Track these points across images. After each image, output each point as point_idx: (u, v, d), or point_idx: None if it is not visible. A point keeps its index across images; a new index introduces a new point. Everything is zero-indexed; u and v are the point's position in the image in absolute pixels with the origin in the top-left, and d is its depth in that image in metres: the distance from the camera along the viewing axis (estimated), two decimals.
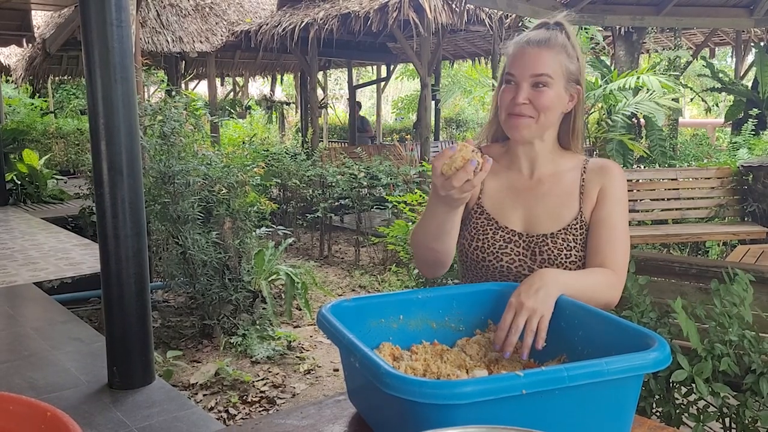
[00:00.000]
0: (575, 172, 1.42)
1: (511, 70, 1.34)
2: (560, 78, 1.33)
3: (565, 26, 1.39)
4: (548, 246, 1.38)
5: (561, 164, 1.43)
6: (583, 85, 1.39)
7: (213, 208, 4.50)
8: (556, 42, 1.34)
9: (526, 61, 1.32)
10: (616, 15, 5.61)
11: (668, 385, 2.07)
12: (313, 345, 4.37)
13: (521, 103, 1.32)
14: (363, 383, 1.05)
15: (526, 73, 1.32)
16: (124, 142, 3.00)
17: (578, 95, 1.38)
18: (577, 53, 1.37)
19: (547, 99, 1.32)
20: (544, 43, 1.33)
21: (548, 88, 1.32)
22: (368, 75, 20.72)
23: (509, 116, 1.35)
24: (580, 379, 0.87)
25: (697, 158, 8.92)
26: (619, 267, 1.33)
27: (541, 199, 1.41)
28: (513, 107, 1.33)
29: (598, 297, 1.26)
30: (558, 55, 1.33)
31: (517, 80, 1.33)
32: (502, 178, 1.45)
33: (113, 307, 3.12)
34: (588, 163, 1.43)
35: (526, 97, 1.32)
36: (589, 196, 1.40)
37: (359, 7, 8.29)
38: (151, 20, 9.92)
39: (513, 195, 1.43)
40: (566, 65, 1.34)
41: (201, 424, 2.85)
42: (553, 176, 1.42)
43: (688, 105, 17.69)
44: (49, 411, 0.73)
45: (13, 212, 8.14)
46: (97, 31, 2.90)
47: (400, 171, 7.08)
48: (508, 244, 1.40)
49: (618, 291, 1.32)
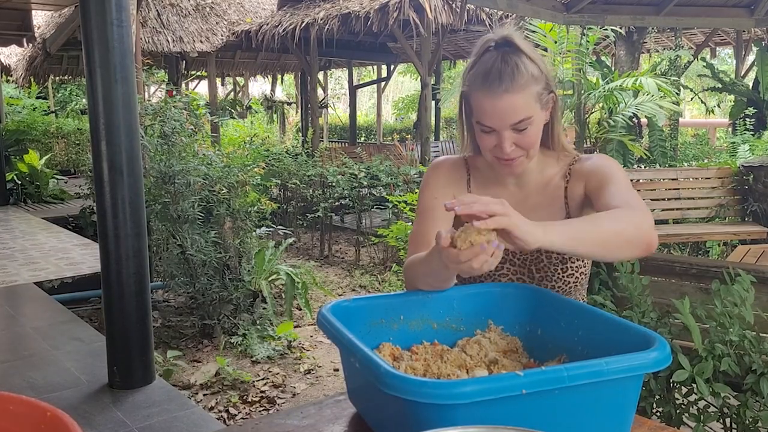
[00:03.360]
0: (559, 178, 1.37)
1: (484, 121, 1.24)
2: (537, 108, 1.24)
3: (515, 43, 1.24)
4: (543, 263, 1.35)
5: (546, 171, 1.37)
6: (554, 88, 1.28)
7: (213, 208, 4.50)
8: (522, 76, 1.20)
9: (499, 112, 1.21)
10: (617, 15, 5.61)
11: (669, 385, 2.07)
12: (313, 345, 4.37)
13: (509, 152, 1.24)
14: (363, 383, 1.05)
15: (505, 124, 1.22)
16: (125, 142, 3.00)
17: (553, 102, 1.30)
18: (536, 62, 1.24)
19: (533, 137, 1.25)
20: (510, 84, 1.19)
21: (531, 126, 1.24)
22: (369, 75, 20.73)
23: (498, 159, 1.28)
24: (580, 379, 0.87)
25: (698, 158, 8.92)
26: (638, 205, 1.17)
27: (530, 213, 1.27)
28: (500, 153, 1.25)
29: (625, 231, 1.11)
30: (527, 88, 1.21)
31: (496, 129, 1.23)
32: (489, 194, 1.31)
33: (113, 306, 3.12)
34: (574, 165, 1.36)
35: (511, 143, 1.24)
36: (573, 196, 1.34)
37: (359, 7, 8.30)
38: (151, 20, 9.92)
39: None
40: (537, 91, 1.23)
41: (201, 423, 2.85)
42: (539, 187, 1.37)
43: (688, 105, 17.68)
44: (49, 411, 0.73)
45: (13, 212, 8.14)
46: (97, 31, 2.90)
47: (401, 171, 7.08)
48: (504, 264, 1.36)
49: (649, 225, 1.14)
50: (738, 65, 11.19)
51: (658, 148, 7.60)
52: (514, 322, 1.23)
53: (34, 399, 0.75)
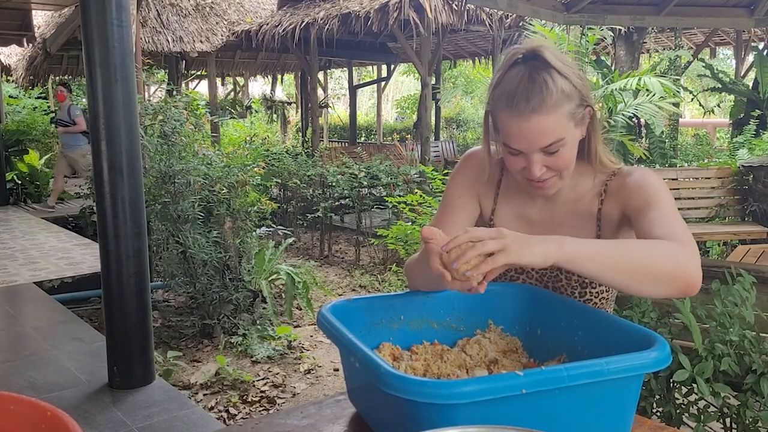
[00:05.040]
0: (593, 195, 1.25)
1: (511, 144, 1.14)
2: (569, 127, 1.13)
3: (544, 56, 1.11)
4: (562, 282, 1.27)
5: (579, 186, 1.26)
6: (590, 101, 1.16)
7: (213, 208, 4.50)
8: (551, 96, 1.09)
9: (526, 135, 1.11)
10: (617, 15, 5.61)
11: (669, 385, 2.07)
12: (313, 345, 4.37)
13: (539, 175, 1.15)
14: (363, 383, 1.05)
15: (533, 148, 1.12)
16: (125, 142, 3.00)
17: (590, 116, 1.18)
18: (568, 76, 1.12)
19: (566, 159, 1.15)
20: (538, 105, 1.08)
21: (563, 148, 1.13)
22: (369, 75, 20.73)
23: (528, 181, 1.18)
24: (580, 379, 0.87)
25: (698, 158, 8.92)
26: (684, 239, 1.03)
27: (554, 230, 1.24)
28: (529, 176, 1.16)
29: (660, 265, 0.99)
30: (558, 108, 1.10)
31: (525, 153, 1.14)
32: (513, 203, 1.30)
33: (113, 306, 3.12)
34: (611, 182, 1.23)
35: (541, 167, 1.14)
36: (609, 219, 1.23)
37: (359, 6, 8.30)
38: (151, 20, 9.92)
39: (524, 224, 1.28)
40: (569, 110, 1.12)
41: (201, 423, 2.84)
42: (570, 202, 1.26)
43: (688, 105, 17.69)
44: (49, 410, 0.73)
45: (13, 212, 8.14)
46: (97, 31, 2.90)
47: (401, 171, 7.09)
48: (520, 275, 1.30)
49: (693, 264, 0.99)
50: (738, 65, 11.18)
51: (657, 149, 7.60)
52: (514, 322, 1.23)
53: (34, 399, 0.75)
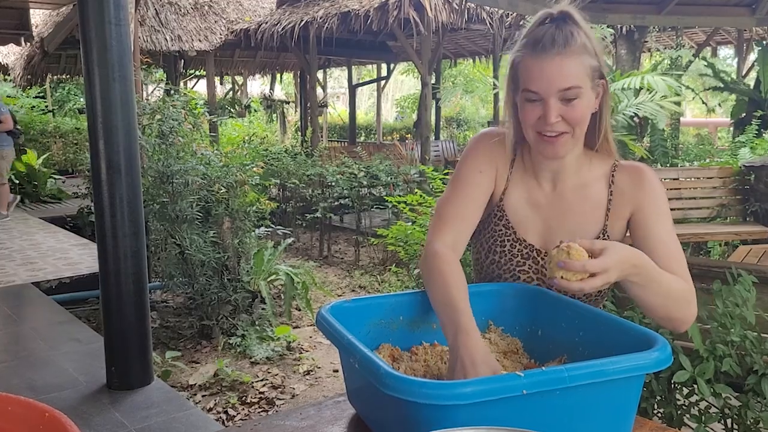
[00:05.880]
0: (601, 183, 1.29)
1: (531, 87, 1.17)
2: (587, 82, 1.18)
3: (574, 16, 1.19)
4: None
5: (586, 174, 1.30)
6: (605, 71, 1.23)
7: (212, 208, 4.49)
8: (575, 42, 1.16)
9: (548, 75, 1.15)
10: (618, 14, 5.59)
11: (670, 385, 2.06)
12: (312, 346, 4.36)
13: (554, 122, 1.17)
14: (363, 384, 1.04)
15: (552, 89, 1.15)
16: (123, 141, 2.99)
17: (603, 89, 1.23)
18: (593, 44, 1.19)
19: (581, 111, 1.18)
20: (562, 47, 1.14)
21: (579, 99, 1.17)
22: (368, 74, 20.73)
23: (541, 136, 1.20)
24: (580, 380, 0.87)
25: (699, 158, 8.90)
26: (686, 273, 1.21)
27: (561, 215, 1.29)
28: (544, 127, 1.18)
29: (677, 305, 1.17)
30: (580, 56, 1.16)
31: (542, 96, 1.16)
32: (521, 187, 1.33)
33: (112, 307, 3.10)
34: (617, 170, 1.29)
35: (557, 114, 1.16)
36: (618, 213, 1.28)
37: (359, 5, 8.29)
38: (149, 19, 9.91)
39: (532, 208, 1.31)
40: (589, 64, 1.17)
41: (200, 424, 2.84)
42: (576, 189, 1.30)
43: (689, 104, 17.71)
44: (48, 411, 0.73)
45: (11, 212, 8.12)
46: (95, 30, 2.89)
47: (400, 170, 7.08)
48: (526, 261, 1.31)
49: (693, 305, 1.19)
50: (739, 64, 11.18)
51: (659, 148, 7.59)
52: (514, 322, 1.23)
53: (32, 400, 0.75)
